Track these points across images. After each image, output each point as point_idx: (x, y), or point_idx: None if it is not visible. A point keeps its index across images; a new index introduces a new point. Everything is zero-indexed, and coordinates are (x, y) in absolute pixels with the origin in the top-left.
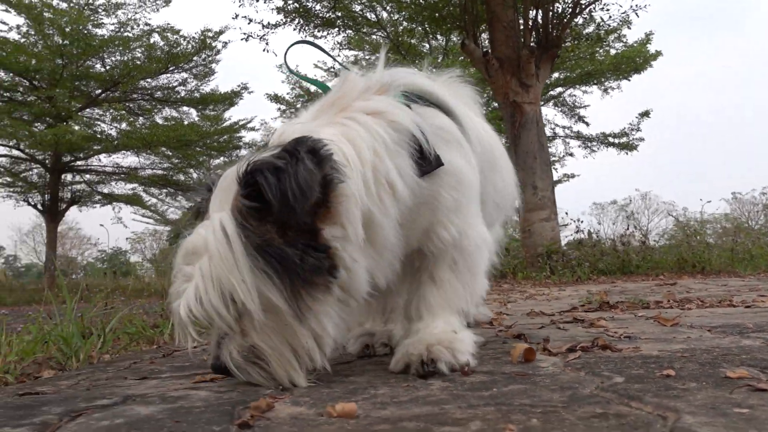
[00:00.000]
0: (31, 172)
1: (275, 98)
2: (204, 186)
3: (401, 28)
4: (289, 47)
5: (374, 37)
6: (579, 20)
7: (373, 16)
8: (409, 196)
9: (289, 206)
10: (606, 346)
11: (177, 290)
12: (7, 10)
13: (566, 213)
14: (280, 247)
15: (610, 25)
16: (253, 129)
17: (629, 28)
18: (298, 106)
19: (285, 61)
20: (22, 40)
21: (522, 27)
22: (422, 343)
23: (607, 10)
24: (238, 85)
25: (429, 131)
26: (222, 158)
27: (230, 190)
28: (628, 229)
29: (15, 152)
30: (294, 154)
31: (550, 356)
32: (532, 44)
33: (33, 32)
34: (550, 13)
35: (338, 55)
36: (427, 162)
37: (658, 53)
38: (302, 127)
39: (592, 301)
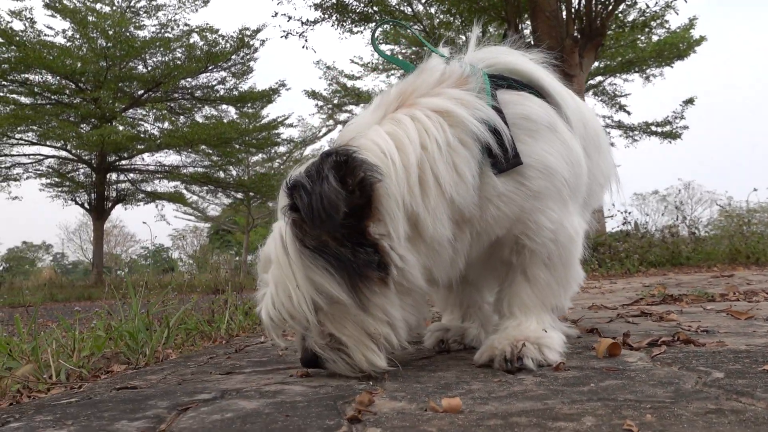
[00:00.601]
0: (77, 172)
1: (313, 94)
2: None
3: (437, 21)
4: (376, 27)
5: (410, 31)
6: (622, 7)
7: (410, 9)
8: (467, 194)
9: (319, 222)
10: (688, 340)
11: (259, 297)
12: (53, 15)
13: (612, 204)
14: (333, 248)
15: (655, 12)
16: (290, 125)
17: (676, 13)
18: (335, 101)
19: (373, 41)
20: (68, 43)
21: (565, 16)
22: (508, 339)
23: None
24: (276, 83)
25: (511, 123)
26: (260, 155)
27: (284, 200)
28: (677, 219)
29: (63, 153)
30: (320, 172)
31: (633, 351)
32: (575, 34)
33: (78, 36)
34: (594, 0)
35: (374, 50)
36: (505, 158)
37: (702, 38)
38: (356, 127)
39: (655, 294)
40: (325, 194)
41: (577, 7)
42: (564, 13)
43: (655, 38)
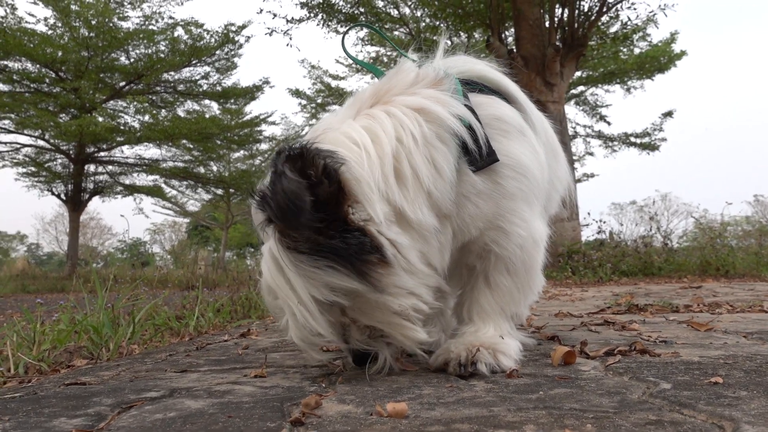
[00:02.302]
0: (55, 163)
1: (296, 93)
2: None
3: (423, 24)
4: (347, 31)
5: (396, 33)
6: (604, 19)
7: (396, 12)
8: (444, 189)
9: (289, 220)
10: (644, 350)
11: (284, 325)
12: (35, 3)
13: (588, 213)
14: (325, 243)
15: (637, 25)
16: (273, 123)
17: (657, 27)
18: (319, 101)
19: (343, 44)
20: (49, 32)
21: (548, 25)
22: (464, 344)
23: (635, 8)
24: (260, 80)
25: (484, 123)
26: (242, 151)
27: (259, 216)
28: (651, 230)
29: (40, 142)
30: (275, 171)
31: (589, 359)
32: (557, 43)
33: (60, 24)
34: (577, 11)
35: (360, 51)
36: (480, 156)
37: (683, 53)
38: (328, 123)
39: (621, 303)
40: (286, 189)
41: (560, 16)
42: (547, 22)
43: (636, 51)
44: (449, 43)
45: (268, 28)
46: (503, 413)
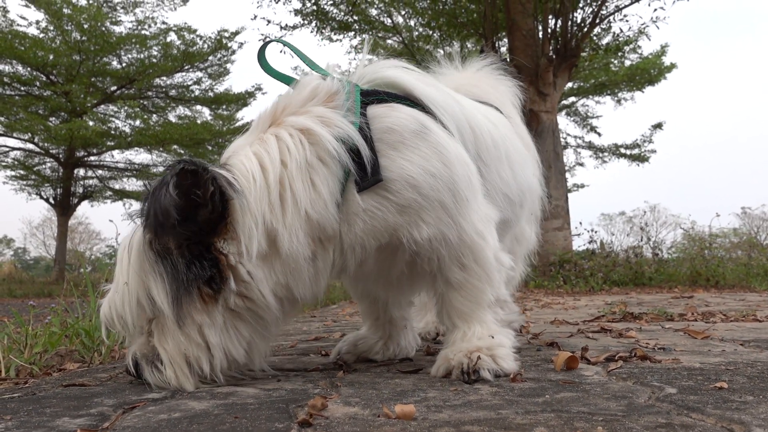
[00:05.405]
0: (44, 166)
1: None
2: None
3: (416, 33)
4: (265, 45)
5: (389, 41)
6: (597, 30)
7: (389, 21)
8: (324, 210)
9: (152, 225)
10: (645, 356)
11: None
12: (27, 6)
13: (580, 223)
14: (174, 256)
15: (629, 36)
16: None
17: (648, 39)
18: None
19: (259, 57)
20: (41, 35)
21: (541, 36)
22: (462, 352)
23: (627, 20)
24: (252, 86)
25: (376, 138)
26: None
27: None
28: (641, 240)
29: (29, 146)
30: (163, 179)
31: (590, 365)
32: (550, 53)
33: (52, 28)
34: (570, 22)
35: (354, 59)
36: (363, 177)
37: (673, 65)
38: (234, 148)
39: (616, 311)
40: (159, 200)
41: (553, 27)
42: (540, 32)
43: (627, 63)
44: (441, 52)
45: (262, 35)
46: (512, 416)
